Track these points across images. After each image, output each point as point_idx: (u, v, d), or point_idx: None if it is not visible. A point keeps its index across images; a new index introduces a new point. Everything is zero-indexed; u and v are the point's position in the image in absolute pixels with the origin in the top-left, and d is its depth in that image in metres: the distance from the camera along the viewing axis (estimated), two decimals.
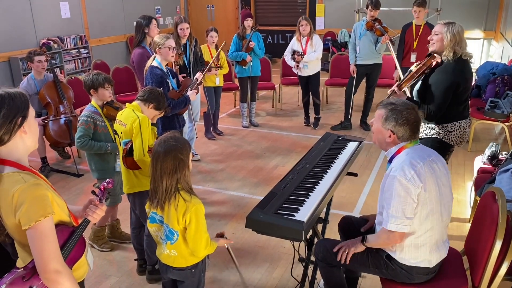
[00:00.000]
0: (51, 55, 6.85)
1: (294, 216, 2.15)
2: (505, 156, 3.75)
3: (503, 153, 3.90)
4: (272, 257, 3.28)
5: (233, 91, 7.00)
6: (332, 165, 2.75)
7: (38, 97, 4.66)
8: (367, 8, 5.66)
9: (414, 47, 5.63)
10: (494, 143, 3.94)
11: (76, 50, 8.16)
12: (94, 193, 1.83)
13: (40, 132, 4.66)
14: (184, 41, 4.80)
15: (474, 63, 3.12)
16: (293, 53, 5.95)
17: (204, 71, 4.30)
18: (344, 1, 10.16)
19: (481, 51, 9.27)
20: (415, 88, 3.20)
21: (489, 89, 5.61)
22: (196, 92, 3.77)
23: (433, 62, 3.06)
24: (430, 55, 3.09)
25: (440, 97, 2.96)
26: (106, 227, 3.47)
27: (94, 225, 3.36)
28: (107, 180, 1.86)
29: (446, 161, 3.26)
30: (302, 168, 2.68)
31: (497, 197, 2.14)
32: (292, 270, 2.87)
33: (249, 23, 5.75)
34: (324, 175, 2.61)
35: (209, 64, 4.56)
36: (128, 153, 2.69)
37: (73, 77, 5.78)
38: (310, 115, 6.37)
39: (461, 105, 3.06)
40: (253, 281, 3.02)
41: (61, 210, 1.66)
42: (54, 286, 1.54)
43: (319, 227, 2.79)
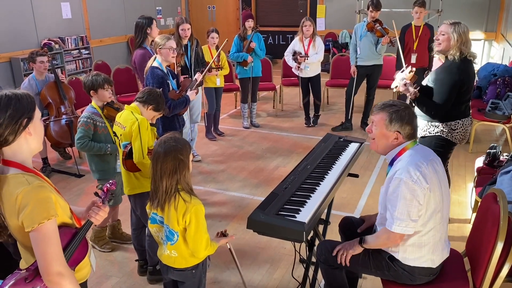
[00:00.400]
0: (52, 56, 6.87)
1: (296, 217, 2.14)
2: (506, 157, 3.75)
3: (504, 154, 3.89)
4: (273, 258, 3.28)
5: (234, 92, 7.01)
6: (333, 166, 2.75)
7: (39, 98, 4.66)
8: (368, 9, 5.67)
9: (414, 48, 5.62)
10: (495, 144, 3.94)
11: (77, 50, 8.18)
12: (97, 194, 1.83)
13: None
14: (185, 41, 4.81)
15: (477, 64, 3.17)
16: (294, 53, 5.95)
17: (204, 72, 4.30)
18: (345, 2, 10.16)
19: (482, 52, 9.27)
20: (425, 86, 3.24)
21: (490, 90, 5.61)
22: (196, 93, 3.77)
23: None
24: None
25: (445, 95, 2.99)
26: (107, 228, 3.48)
27: (95, 225, 3.35)
28: (110, 181, 1.85)
29: (448, 159, 3.28)
30: (303, 169, 2.68)
31: (498, 198, 2.14)
32: (293, 271, 2.87)
33: (250, 24, 5.75)
34: (325, 176, 2.61)
35: (209, 65, 4.56)
36: (128, 155, 2.69)
37: (74, 78, 5.78)
38: (311, 116, 6.38)
39: (463, 104, 3.11)
40: (254, 282, 3.02)
41: (64, 212, 1.67)
42: None
43: (320, 228, 2.79)
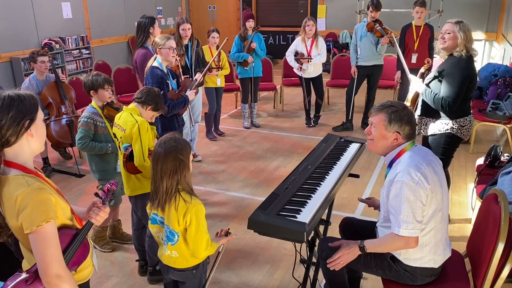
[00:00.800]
0: (53, 56, 6.87)
1: (296, 218, 2.14)
2: (507, 158, 3.74)
3: (505, 155, 3.89)
4: (274, 258, 3.27)
5: (235, 92, 7.01)
6: (334, 166, 2.74)
7: (39, 98, 4.66)
8: (368, 9, 5.67)
9: (415, 48, 5.62)
10: (495, 145, 3.93)
11: (77, 50, 8.18)
12: (97, 195, 1.82)
13: None
14: (186, 41, 4.80)
15: (477, 61, 3.21)
16: (296, 53, 5.95)
17: (204, 72, 4.29)
18: (345, 2, 10.16)
19: (483, 52, 9.27)
20: (425, 83, 3.25)
21: (491, 91, 5.61)
22: (195, 92, 3.76)
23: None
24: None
25: (457, 89, 3.03)
26: (108, 228, 3.47)
27: (96, 225, 3.35)
28: (111, 181, 1.84)
29: (452, 157, 3.31)
30: (304, 169, 2.68)
31: (499, 199, 2.13)
32: (293, 271, 2.87)
33: (250, 24, 5.75)
34: (326, 177, 2.60)
35: (208, 65, 4.55)
36: (129, 158, 2.68)
37: (74, 78, 5.78)
38: (311, 116, 6.38)
39: (469, 100, 3.18)
40: (254, 282, 3.02)
41: (64, 213, 1.66)
42: None
43: (321, 228, 2.79)
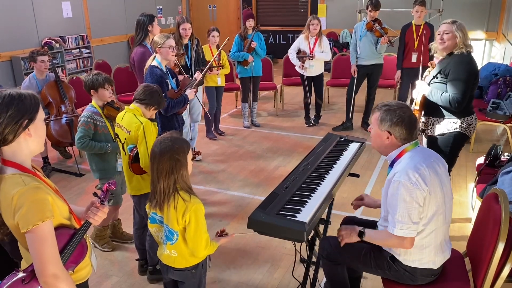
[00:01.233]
0: (53, 55, 6.86)
1: (296, 217, 2.14)
2: (507, 157, 3.74)
3: (505, 154, 3.89)
4: (274, 258, 3.27)
5: (235, 91, 7.00)
6: (334, 166, 2.74)
7: (39, 97, 4.65)
8: (367, 8, 5.67)
9: (415, 47, 5.62)
10: (496, 144, 3.93)
11: (77, 49, 8.18)
12: (95, 195, 1.81)
13: None
14: (186, 41, 4.80)
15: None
16: (298, 51, 5.95)
17: (204, 71, 4.29)
18: (346, 2, 10.15)
19: (483, 52, 9.26)
20: (430, 83, 3.25)
21: (491, 90, 5.60)
22: (195, 92, 3.76)
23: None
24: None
25: (464, 86, 3.04)
26: (108, 227, 3.47)
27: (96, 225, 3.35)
28: (110, 181, 1.84)
29: (458, 156, 3.31)
30: (304, 168, 2.67)
31: (499, 198, 2.13)
32: (293, 270, 2.86)
33: (250, 23, 5.74)
34: (326, 176, 2.60)
35: (209, 64, 4.55)
36: (134, 159, 2.68)
37: (74, 77, 5.78)
38: (310, 115, 6.39)
39: (472, 98, 3.19)
40: (254, 281, 3.02)
41: (62, 213, 1.66)
42: None
43: (321, 228, 2.79)
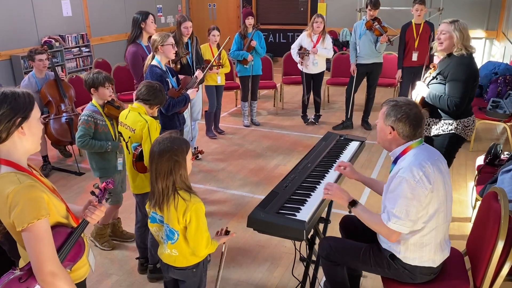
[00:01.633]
0: (53, 54, 6.85)
1: (296, 216, 2.14)
2: (507, 156, 3.74)
3: (505, 153, 3.89)
4: (273, 257, 3.28)
5: (235, 90, 7.00)
6: (333, 164, 2.74)
7: (39, 96, 4.66)
8: (366, 7, 5.66)
9: (415, 46, 5.61)
10: (496, 143, 3.93)
11: (77, 48, 8.17)
12: (93, 193, 1.81)
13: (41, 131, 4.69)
14: (186, 39, 4.80)
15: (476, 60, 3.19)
16: (300, 48, 5.96)
17: (205, 70, 4.29)
18: (345, 0, 10.14)
19: (483, 51, 9.26)
20: (429, 83, 3.24)
21: (491, 89, 5.61)
22: (196, 90, 3.75)
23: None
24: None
25: (463, 89, 3.02)
26: (108, 226, 3.47)
27: (97, 222, 3.34)
28: (108, 180, 1.84)
29: (454, 157, 3.30)
30: (304, 167, 2.68)
31: (499, 197, 2.13)
32: (293, 269, 2.87)
33: (250, 21, 5.74)
34: (326, 175, 2.60)
35: (210, 63, 4.55)
36: (138, 157, 2.67)
37: (74, 76, 5.78)
38: (308, 114, 6.40)
39: (471, 100, 3.16)
40: (254, 280, 3.02)
41: (59, 211, 1.66)
42: None
43: (320, 226, 2.79)
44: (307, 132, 6.04)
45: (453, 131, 3.15)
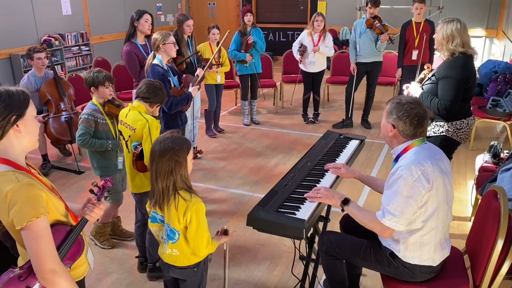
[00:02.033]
0: (52, 52, 6.84)
1: (295, 214, 2.14)
2: (507, 154, 3.75)
3: (505, 151, 3.89)
4: (273, 255, 3.28)
5: (234, 89, 7.00)
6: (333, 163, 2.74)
7: (38, 94, 4.66)
8: (366, 5, 5.65)
9: (416, 44, 5.61)
10: (495, 142, 3.94)
11: (77, 47, 8.16)
12: (92, 191, 1.81)
13: (41, 129, 4.69)
14: (186, 38, 4.80)
15: (477, 59, 3.13)
16: (300, 46, 5.96)
17: (205, 68, 4.29)
18: None
19: (483, 49, 9.25)
20: (424, 84, 3.22)
21: (491, 88, 5.61)
22: (197, 89, 3.75)
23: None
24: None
25: (453, 92, 2.97)
26: (108, 224, 3.47)
27: (97, 221, 3.35)
28: (106, 179, 1.85)
29: (451, 158, 3.27)
30: (304, 166, 2.67)
31: (499, 196, 2.13)
32: (293, 268, 2.87)
33: (249, 18, 5.73)
34: (326, 174, 2.60)
35: (209, 61, 4.54)
36: (138, 157, 2.67)
37: (74, 74, 5.77)
38: (308, 113, 6.40)
39: (467, 102, 3.10)
40: (253, 279, 3.02)
41: (57, 210, 1.66)
42: (51, 286, 1.54)
43: (320, 225, 2.79)
44: (307, 130, 6.04)
45: (444, 133, 3.11)
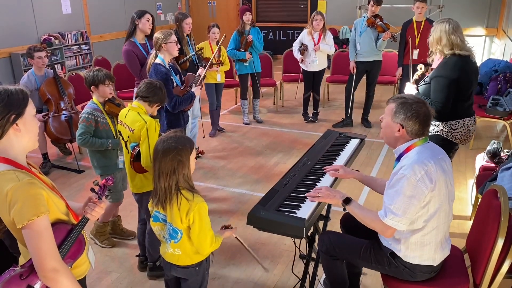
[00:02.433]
0: (52, 51, 6.84)
1: (296, 213, 2.14)
2: (507, 153, 3.74)
3: (505, 150, 3.89)
4: (273, 254, 3.28)
5: (234, 88, 6.99)
6: (333, 162, 2.74)
7: (38, 93, 4.65)
8: (368, 3, 5.64)
9: (416, 43, 5.60)
10: (495, 141, 3.93)
11: (77, 46, 8.16)
12: (93, 190, 1.81)
13: (41, 129, 4.69)
14: (185, 36, 4.80)
15: (474, 59, 3.11)
16: (301, 45, 5.96)
17: (207, 67, 4.29)
18: None
19: (483, 48, 9.25)
20: (419, 85, 3.21)
21: (491, 87, 5.60)
22: (200, 88, 3.75)
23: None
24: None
25: (442, 92, 2.95)
26: (108, 223, 3.47)
27: (97, 220, 3.35)
28: (107, 177, 1.85)
29: (451, 159, 3.26)
30: (304, 165, 2.68)
31: (499, 195, 2.13)
32: (293, 267, 2.87)
33: (247, 17, 5.72)
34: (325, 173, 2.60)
35: (210, 60, 4.54)
36: (136, 157, 2.67)
37: (74, 73, 5.77)
38: (309, 112, 6.40)
39: (465, 102, 3.06)
40: (254, 277, 3.03)
41: (58, 208, 1.66)
42: (52, 284, 1.54)
43: (320, 224, 2.79)
44: (307, 130, 6.04)
45: (438, 133, 3.11)
